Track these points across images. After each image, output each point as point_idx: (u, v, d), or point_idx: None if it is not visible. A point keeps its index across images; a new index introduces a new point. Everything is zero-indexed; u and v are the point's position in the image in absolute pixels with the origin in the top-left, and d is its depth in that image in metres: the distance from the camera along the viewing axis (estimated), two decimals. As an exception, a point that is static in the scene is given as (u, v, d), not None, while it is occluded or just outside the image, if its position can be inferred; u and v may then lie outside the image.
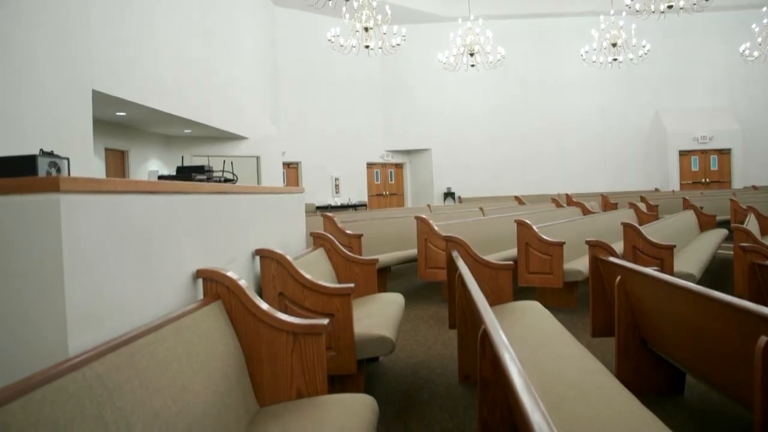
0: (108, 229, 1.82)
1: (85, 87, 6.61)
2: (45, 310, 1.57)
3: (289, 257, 3.18)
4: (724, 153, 16.91)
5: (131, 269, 1.94)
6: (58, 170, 2.24)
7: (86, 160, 6.53)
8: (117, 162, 10.59)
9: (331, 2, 9.29)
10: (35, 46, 5.74)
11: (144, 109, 8.52)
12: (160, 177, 2.69)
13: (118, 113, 9.01)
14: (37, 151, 5.28)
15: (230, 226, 2.89)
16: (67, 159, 2.34)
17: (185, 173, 2.73)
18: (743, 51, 13.70)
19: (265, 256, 3.15)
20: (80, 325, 1.63)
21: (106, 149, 10.01)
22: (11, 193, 1.61)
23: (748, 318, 2.17)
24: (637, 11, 11.60)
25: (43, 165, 2.16)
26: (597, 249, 3.96)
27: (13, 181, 1.63)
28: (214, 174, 2.89)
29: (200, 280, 2.44)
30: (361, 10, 9.98)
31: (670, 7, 10.90)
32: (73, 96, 6.34)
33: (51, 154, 4.25)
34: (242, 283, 2.43)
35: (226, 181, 2.99)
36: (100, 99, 7.21)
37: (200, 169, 2.79)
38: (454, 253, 4.04)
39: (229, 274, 2.43)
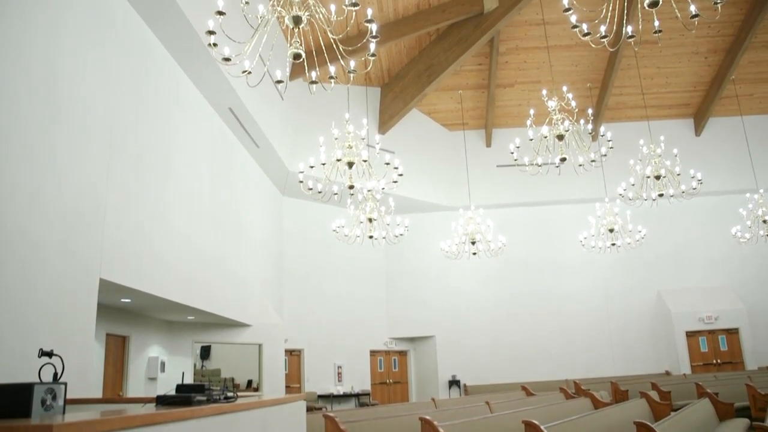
0: (99, 472, 1.74)
1: (93, 276, 6.69)
2: None
3: (287, 477, 3.02)
4: (732, 333, 16.70)
5: None
6: (54, 397, 2.20)
7: (86, 348, 6.45)
8: (117, 347, 10.44)
9: (336, 195, 9.73)
10: (50, 236, 5.90)
11: (150, 297, 8.52)
12: (159, 398, 2.63)
13: (122, 299, 9.02)
14: (36, 348, 5.23)
15: (227, 447, 2.77)
16: (65, 384, 2.31)
17: (185, 392, 2.68)
18: (735, 233, 14.06)
19: (262, 478, 2.99)
20: None
21: (107, 334, 9.91)
22: (3, 440, 1.56)
23: None
24: (630, 199, 12.09)
25: (38, 394, 2.13)
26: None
27: (6, 428, 1.58)
28: (214, 393, 2.83)
29: None
30: (365, 202, 10.43)
31: (660, 195, 11.35)
32: (80, 285, 6.40)
33: (50, 354, 4.21)
34: None
35: (226, 399, 2.93)
36: (106, 286, 7.23)
37: (200, 389, 2.74)
38: (462, 466, 3.83)
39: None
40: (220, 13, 5.45)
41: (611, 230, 12.78)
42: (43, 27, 6.00)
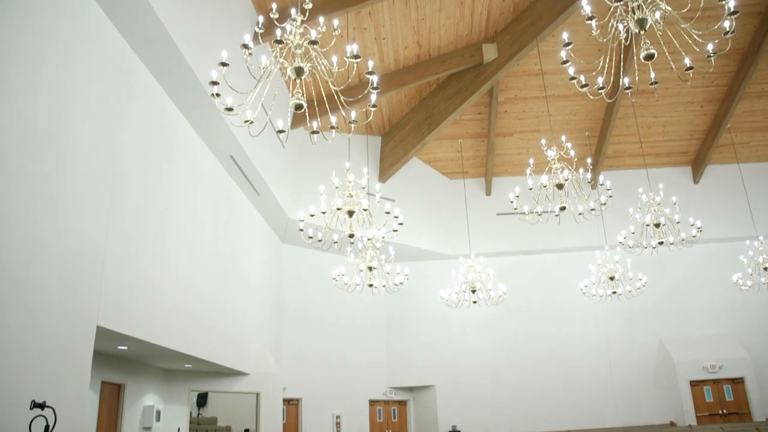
0: None
1: (90, 323, 6.64)
2: None
3: None
4: (738, 382, 16.45)
5: None
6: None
7: (80, 397, 6.36)
8: (112, 396, 10.29)
9: (336, 244, 9.74)
10: (49, 283, 5.89)
11: (147, 345, 8.44)
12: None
13: (119, 347, 8.93)
14: (30, 397, 5.15)
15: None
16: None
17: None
18: (736, 281, 14.01)
19: None
20: None
21: (103, 382, 9.77)
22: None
23: None
24: (630, 247, 12.09)
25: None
26: None
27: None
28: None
29: None
30: (365, 250, 10.42)
31: (660, 243, 11.35)
32: (77, 332, 6.35)
33: (42, 406, 4.13)
34: None
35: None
36: (103, 334, 7.17)
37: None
38: None
39: None
40: (224, 64, 5.56)
41: (612, 278, 12.73)
42: (51, 76, 6.11)
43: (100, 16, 7.15)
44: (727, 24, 5.60)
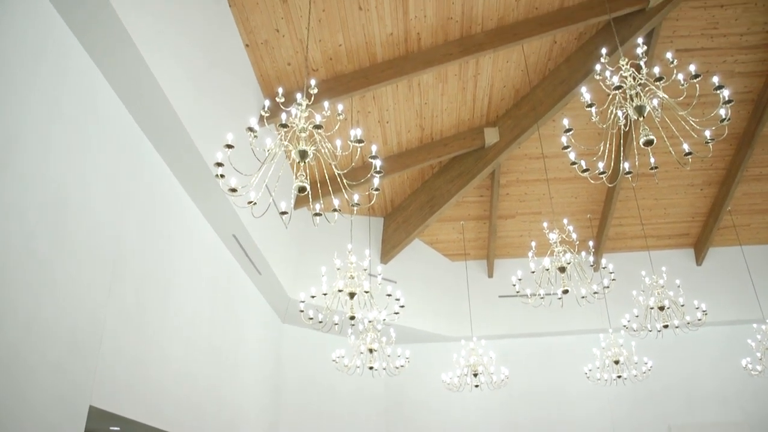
0: None
1: (83, 402, 6.48)
2: None
3: None
4: (754, 475, 15.82)
5: None
6: None
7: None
8: (102, 482, 9.90)
9: (336, 325, 9.64)
10: (44, 360, 5.78)
11: (141, 426, 8.19)
12: None
13: (111, 428, 8.66)
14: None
15: None
16: None
17: None
18: (745, 366, 13.70)
19: None
20: None
21: (93, 469, 9.43)
22: None
23: None
24: (635, 330, 11.94)
25: None
26: None
27: None
28: None
29: None
30: (366, 332, 10.30)
31: (665, 326, 11.20)
32: (68, 412, 6.17)
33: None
34: None
35: None
36: (96, 414, 6.97)
37: None
38: None
39: None
40: (229, 146, 5.66)
41: (616, 362, 12.48)
42: (58, 154, 6.21)
43: (110, 95, 7.35)
44: (722, 112, 5.73)
